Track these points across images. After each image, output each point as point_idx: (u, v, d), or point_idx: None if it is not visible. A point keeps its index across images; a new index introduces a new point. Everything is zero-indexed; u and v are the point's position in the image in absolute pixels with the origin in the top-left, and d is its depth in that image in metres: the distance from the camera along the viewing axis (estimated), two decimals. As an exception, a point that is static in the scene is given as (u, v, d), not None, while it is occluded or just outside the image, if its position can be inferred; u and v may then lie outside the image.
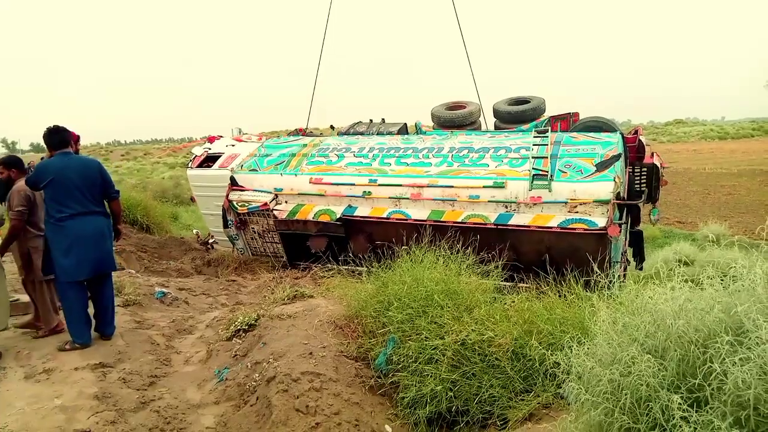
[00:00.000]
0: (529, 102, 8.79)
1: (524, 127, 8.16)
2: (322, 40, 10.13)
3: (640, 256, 7.64)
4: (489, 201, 6.30)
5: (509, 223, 6.14)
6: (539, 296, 3.95)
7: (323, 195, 7.27)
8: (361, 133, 8.69)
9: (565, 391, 2.76)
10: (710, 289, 2.11)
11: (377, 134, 8.51)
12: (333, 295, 5.03)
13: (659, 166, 7.70)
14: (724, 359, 1.74)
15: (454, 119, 8.78)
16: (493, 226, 6.18)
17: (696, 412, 1.74)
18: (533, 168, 6.20)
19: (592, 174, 6.02)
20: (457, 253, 4.68)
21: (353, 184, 7.11)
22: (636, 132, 7.73)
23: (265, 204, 7.47)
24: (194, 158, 8.69)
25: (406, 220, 6.67)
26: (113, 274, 4.86)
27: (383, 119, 9.25)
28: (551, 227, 5.93)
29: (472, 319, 3.61)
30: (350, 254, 6.72)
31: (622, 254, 6.47)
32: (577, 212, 5.92)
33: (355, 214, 7.00)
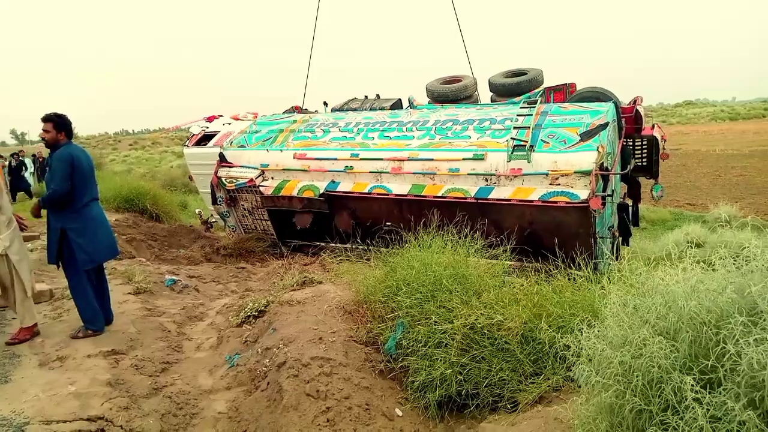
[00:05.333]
0: (526, 74, 8.56)
1: (516, 99, 7.89)
2: (315, 17, 10.04)
3: (625, 231, 7.06)
4: (469, 174, 6.08)
5: (489, 196, 5.92)
6: (548, 279, 3.93)
7: (307, 170, 7.17)
8: (355, 110, 8.56)
9: (576, 374, 2.75)
10: (723, 270, 2.08)
11: (370, 110, 8.36)
12: (342, 280, 5.04)
13: (659, 138, 7.38)
14: (737, 340, 1.72)
15: (448, 93, 8.63)
16: (473, 200, 5.97)
17: (709, 393, 1.72)
18: (512, 138, 5.91)
19: (575, 144, 5.71)
20: (441, 231, 4.60)
21: (336, 159, 6.97)
22: (635, 102, 7.36)
23: (252, 180, 7.42)
24: (192, 137, 8.72)
25: (387, 195, 6.52)
26: (124, 261, 4.89)
27: (378, 95, 9.16)
28: (532, 201, 5.66)
29: (480, 303, 3.60)
30: (335, 231, 6.59)
31: (609, 229, 6.15)
32: (558, 184, 5.62)
33: (337, 190, 6.88)
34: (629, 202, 7.72)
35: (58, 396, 3.44)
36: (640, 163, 7.77)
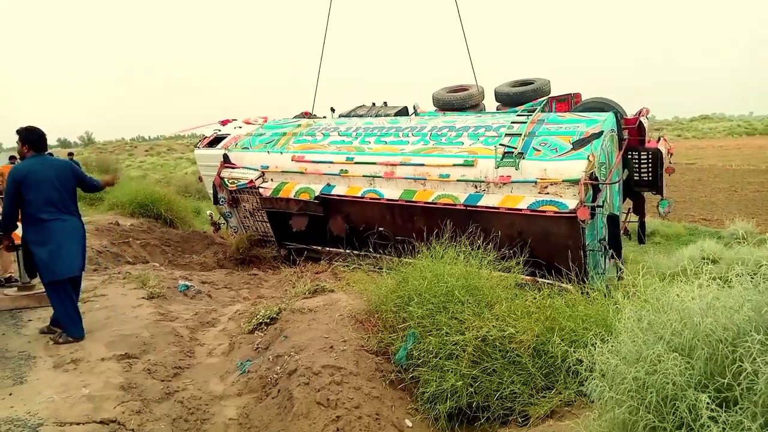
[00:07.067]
0: (532, 83, 8.50)
1: (519, 108, 7.78)
2: (325, 28, 10.11)
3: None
4: (458, 180, 6.01)
5: (478, 204, 5.82)
6: (560, 293, 3.91)
7: (304, 173, 7.21)
8: (361, 116, 8.61)
9: (588, 389, 2.73)
10: (739, 287, 2.07)
11: (375, 116, 8.39)
12: (353, 289, 5.04)
13: (665, 151, 7.16)
14: (754, 358, 1.70)
15: (453, 102, 8.63)
16: (462, 207, 5.88)
17: (725, 411, 1.70)
18: (501, 145, 5.82)
19: (566, 152, 5.59)
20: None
21: (332, 162, 7.00)
22: (639, 113, 7.15)
23: (251, 181, 7.51)
24: (203, 139, 8.94)
25: (380, 199, 6.50)
26: (138, 266, 4.92)
27: (385, 102, 9.21)
28: (520, 209, 5.55)
29: (492, 315, 3.59)
30: (330, 234, 6.57)
31: (599, 241, 5.93)
32: (547, 193, 5.50)
33: (332, 193, 6.90)
34: (630, 216, 7.54)
35: (72, 398, 3.47)
36: (646, 178, 7.57)
